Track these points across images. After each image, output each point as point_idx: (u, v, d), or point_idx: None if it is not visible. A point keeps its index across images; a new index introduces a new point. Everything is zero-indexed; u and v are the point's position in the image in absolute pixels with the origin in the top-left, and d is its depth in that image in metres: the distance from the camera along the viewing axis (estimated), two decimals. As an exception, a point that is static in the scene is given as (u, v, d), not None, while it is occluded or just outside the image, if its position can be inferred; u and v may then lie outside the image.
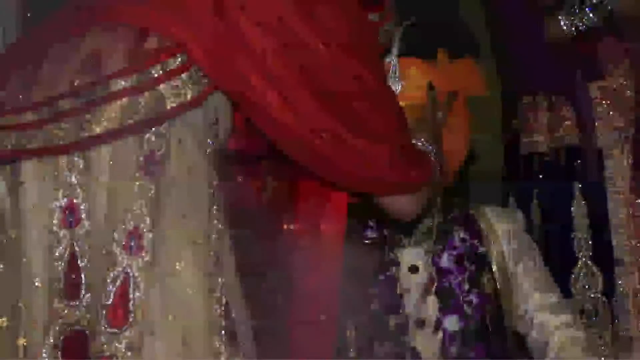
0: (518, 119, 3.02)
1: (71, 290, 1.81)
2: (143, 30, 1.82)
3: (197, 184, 1.85)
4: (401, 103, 2.47)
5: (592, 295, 2.91)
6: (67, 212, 1.81)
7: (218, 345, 1.82)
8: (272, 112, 1.84)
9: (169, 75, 1.80)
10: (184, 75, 1.82)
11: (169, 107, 1.80)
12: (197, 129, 1.86)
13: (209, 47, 1.80)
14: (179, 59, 1.81)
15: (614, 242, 2.93)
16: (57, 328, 1.80)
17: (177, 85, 1.81)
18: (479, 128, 2.70)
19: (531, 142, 2.98)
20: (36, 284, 1.82)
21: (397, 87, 2.46)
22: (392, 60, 2.47)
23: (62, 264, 1.81)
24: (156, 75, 1.80)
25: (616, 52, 2.96)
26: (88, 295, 1.81)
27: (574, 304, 2.87)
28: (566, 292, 2.79)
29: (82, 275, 1.81)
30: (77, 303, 1.81)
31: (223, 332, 1.82)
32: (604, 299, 2.92)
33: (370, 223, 2.62)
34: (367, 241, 2.61)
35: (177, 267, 1.81)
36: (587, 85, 2.95)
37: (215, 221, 1.85)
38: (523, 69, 2.96)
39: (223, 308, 1.83)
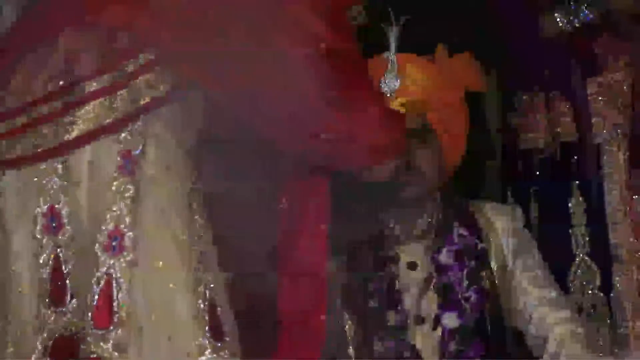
0: (516, 115, 3.02)
1: (57, 296, 1.82)
2: (113, 29, 1.82)
3: (176, 180, 1.86)
4: (400, 99, 2.50)
5: (590, 292, 2.91)
6: (49, 218, 1.82)
7: (202, 341, 1.82)
8: (257, 104, 1.85)
9: (142, 71, 1.81)
10: (157, 70, 1.82)
11: (143, 103, 1.81)
12: (174, 126, 1.87)
13: (182, 42, 1.81)
14: (151, 54, 1.81)
15: (611, 239, 2.92)
16: (46, 334, 1.81)
17: (151, 81, 1.82)
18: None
19: (529, 139, 2.98)
20: (23, 291, 1.83)
21: (395, 84, 2.45)
22: (390, 57, 2.47)
23: (47, 270, 1.82)
24: (129, 72, 1.81)
25: (613, 49, 2.96)
26: (74, 300, 1.82)
27: (572, 301, 2.86)
28: (564, 289, 2.79)
29: (67, 281, 1.82)
30: (64, 309, 1.81)
31: (207, 328, 1.83)
32: (601, 295, 2.91)
33: (371, 220, 2.62)
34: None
35: (160, 264, 1.82)
36: (585, 81, 2.95)
37: (197, 216, 1.87)
38: (521, 65, 2.95)
39: (207, 304, 1.84)
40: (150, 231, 1.83)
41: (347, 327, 2.54)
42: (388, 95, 2.45)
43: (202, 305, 1.83)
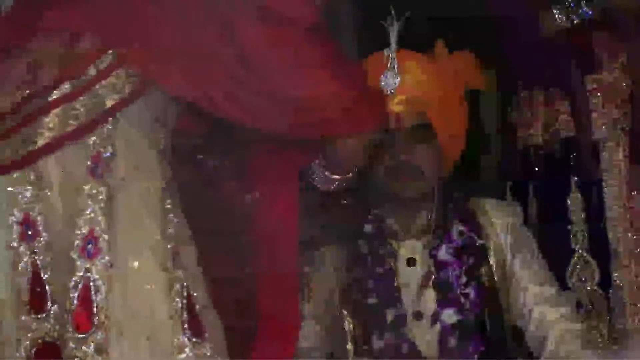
0: (514, 112, 3.02)
1: (37, 303, 1.83)
2: (74, 34, 1.83)
3: (148, 180, 1.86)
4: (400, 97, 2.50)
5: (589, 288, 2.91)
6: (24, 226, 1.83)
7: (181, 339, 1.83)
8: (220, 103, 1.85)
9: (105, 73, 1.81)
10: (120, 71, 1.83)
11: (109, 106, 1.81)
12: (143, 126, 1.87)
13: (140, 45, 1.81)
14: (112, 56, 1.82)
15: (610, 235, 2.92)
16: (28, 342, 1.82)
17: (114, 82, 1.82)
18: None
19: (528, 136, 2.98)
20: (3, 300, 1.83)
21: (395, 82, 2.45)
22: (390, 54, 2.46)
23: (26, 278, 1.83)
24: (92, 76, 1.81)
25: (612, 45, 2.95)
26: (54, 306, 1.83)
27: (571, 297, 2.86)
28: (563, 285, 2.79)
29: (47, 288, 1.82)
30: (45, 315, 1.82)
31: (186, 326, 1.83)
32: (600, 291, 2.91)
33: (370, 217, 2.63)
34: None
35: (135, 265, 1.82)
36: (583, 78, 2.95)
37: (171, 215, 1.87)
38: (520, 62, 2.95)
39: (185, 302, 1.85)
40: (125, 232, 1.84)
41: (346, 323, 2.55)
42: (388, 92, 2.45)
43: (179, 304, 1.85)
